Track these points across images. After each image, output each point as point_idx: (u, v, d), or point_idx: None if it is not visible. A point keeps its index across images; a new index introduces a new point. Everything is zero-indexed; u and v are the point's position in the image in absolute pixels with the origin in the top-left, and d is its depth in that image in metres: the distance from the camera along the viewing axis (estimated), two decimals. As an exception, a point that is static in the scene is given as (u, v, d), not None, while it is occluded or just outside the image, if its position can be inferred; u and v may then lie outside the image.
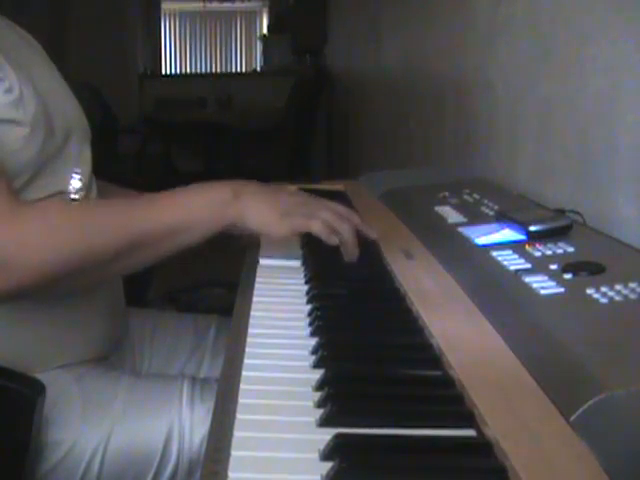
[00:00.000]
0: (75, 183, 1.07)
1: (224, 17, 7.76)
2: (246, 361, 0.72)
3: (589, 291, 0.75)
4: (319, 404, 0.63)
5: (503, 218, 1.03)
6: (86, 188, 1.09)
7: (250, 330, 0.80)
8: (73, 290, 1.03)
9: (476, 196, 1.24)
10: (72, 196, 1.06)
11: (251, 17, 7.79)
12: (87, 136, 1.15)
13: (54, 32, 5.22)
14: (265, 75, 6.51)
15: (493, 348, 0.72)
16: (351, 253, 0.98)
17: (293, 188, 1.14)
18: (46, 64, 1.15)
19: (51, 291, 0.98)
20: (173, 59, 7.70)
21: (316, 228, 0.95)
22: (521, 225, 0.97)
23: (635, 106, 1.08)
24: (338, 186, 1.62)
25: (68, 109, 1.12)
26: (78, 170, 1.08)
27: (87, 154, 1.13)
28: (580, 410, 0.56)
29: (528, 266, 0.86)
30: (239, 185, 0.98)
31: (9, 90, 0.97)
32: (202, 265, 1.06)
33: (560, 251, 0.89)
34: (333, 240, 0.96)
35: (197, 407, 1.01)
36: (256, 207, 0.96)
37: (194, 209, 0.96)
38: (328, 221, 0.96)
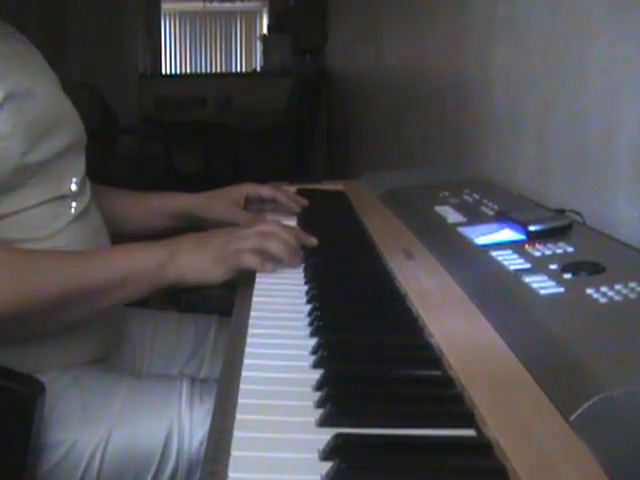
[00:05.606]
0: (73, 188, 1.10)
1: (224, 17, 7.75)
2: (246, 361, 0.72)
3: (589, 291, 0.75)
4: (319, 404, 0.63)
5: (503, 218, 1.03)
6: (79, 194, 1.12)
7: (250, 330, 0.80)
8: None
9: (476, 196, 1.24)
10: (72, 203, 1.09)
11: (251, 17, 7.78)
12: (84, 146, 1.18)
13: (54, 32, 5.22)
14: (265, 75, 6.49)
15: (493, 348, 0.72)
16: (288, 265, 1.01)
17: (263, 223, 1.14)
18: (49, 78, 1.15)
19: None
20: (173, 59, 7.69)
21: (247, 261, 0.98)
22: (521, 225, 0.97)
23: (635, 106, 1.08)
24: (338, 186, 1.62)
25: (72, 125, 1.15)
26: (75, 177, 1.11)
27: (82, 163, 1.16)
28: (580, 410, 0.56)
29: (528, 266, 0.86)
30: (174, 244, 1.00)
31: None
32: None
33: (560, 251, 0.89)
34: (266, 268, 0.98)
35: (196, 407, 1.01)
36: (191, 263, 0.98)
37: (132, 268, 0.98)
38: (256, 247, 0.98)
